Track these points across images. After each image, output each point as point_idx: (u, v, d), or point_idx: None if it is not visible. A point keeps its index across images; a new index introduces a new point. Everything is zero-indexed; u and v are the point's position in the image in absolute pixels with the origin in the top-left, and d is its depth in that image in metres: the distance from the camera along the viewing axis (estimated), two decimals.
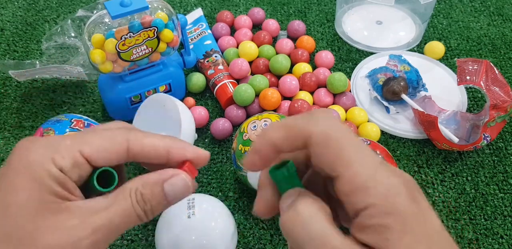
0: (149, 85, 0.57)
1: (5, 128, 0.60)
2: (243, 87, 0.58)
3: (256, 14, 0.72)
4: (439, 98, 0.61)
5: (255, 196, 0.26)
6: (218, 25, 0.70)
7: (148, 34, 0.51)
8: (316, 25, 0.73)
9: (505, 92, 0.55)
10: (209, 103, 0.62)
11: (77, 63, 0.62)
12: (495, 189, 0.54)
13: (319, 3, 0.77)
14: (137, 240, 0.49)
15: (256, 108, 0.59)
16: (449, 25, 0.74)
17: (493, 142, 0.59)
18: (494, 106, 0.54)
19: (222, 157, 0.57)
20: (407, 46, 0.70)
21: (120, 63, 0.52)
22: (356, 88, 0.63)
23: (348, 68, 0.67)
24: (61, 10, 0.76)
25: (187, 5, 0.76)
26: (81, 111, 0.61)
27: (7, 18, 0.74)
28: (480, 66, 0.56)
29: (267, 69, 0.64)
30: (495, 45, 0.71)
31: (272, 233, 0.50)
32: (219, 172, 0.55)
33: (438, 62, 0.67)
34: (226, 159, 0.56)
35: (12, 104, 0.62)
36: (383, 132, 0.59)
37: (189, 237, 0.42)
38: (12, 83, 0.65)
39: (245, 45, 0.65)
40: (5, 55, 0.68)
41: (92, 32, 0.50)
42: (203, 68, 0.64)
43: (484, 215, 0.52)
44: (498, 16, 0.75)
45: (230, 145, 0.58)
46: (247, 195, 0.53)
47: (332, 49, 0.70)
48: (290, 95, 0.61)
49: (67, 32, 0.65)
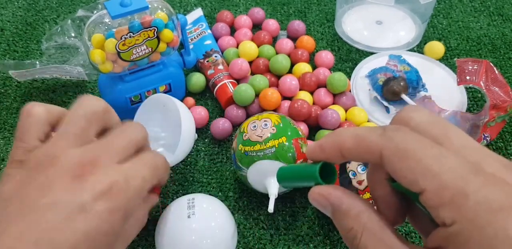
0: (149, 85, 0.57)
1: (5, 128, 0.60)
2: (243, 87, 0.58)
3: (256, 14, 0.72)
4: (439, 98, 0.61)
5: (255, 196, 0.26)
6: (218, 25, 0.70)
7: (148, 34, 0.51)
8: (316, 25, 0.73)
9: (505, 92, 0.55)
10: (209, 103, 0.62)
11: (77, 63, 0.62)
12: None
13: (319, 3, 0.77)
14: (137, 240, 0.49)
15: (256, 108, 0.59)
16: (449, 25, 0.74)
17: (493, 142, 0.59)
18: (494, 106, 0.54)
19: (222, 157, 0.57)
20: (407, 46, 0.70)
21: (120, 63, 0.52)
22: (356, 88, 0.63)
23: (348, 68, 0.67)
24: (61, 10, 0.76)
25: (187, 5, 0.76)
26: None
27: (7, 18, 0.74)
28: (480, 66, 0.56)
29: (267, 69, 0.64)
30: (495, 45, 0.71)
31: (272, 233, 0.50)
32: (219, 172, 0.55)
33: (438, 62, 0.67)
34: (226, 159, 0.56)
35: (12, 104, 0.62)
36: None
37: (189, 237, 0.42)
38: (12, 83, 0.65)
39: (245, 45, 0.65)
40: (5, 55, 0.68)
41: (92, 32, 0.50)
42: (203, 68, 0.64)
43: None
44: (498, 16, 0.75)
45: (230, 145, 0.58)
46: (247, 195, 0.53)
47: (332, 49, 0.70)
48: (290, 95, 0.61)
49: (67, 32, 0.65)
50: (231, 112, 0.59)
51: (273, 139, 0.47)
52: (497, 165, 0.20)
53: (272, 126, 0.48)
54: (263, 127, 0.48)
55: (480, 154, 0.21)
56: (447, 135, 0.21)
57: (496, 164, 0.20)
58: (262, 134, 0.48)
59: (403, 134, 0.21)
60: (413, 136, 0.21)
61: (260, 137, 0.47)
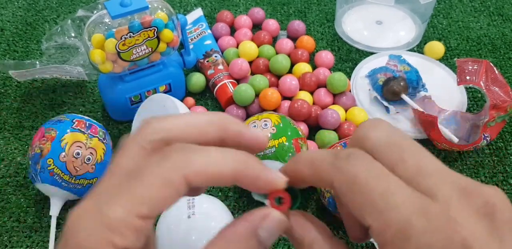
0: (149, 85, 0.57)
1: (5, 128, 0.60)
2: (243, 87, 0.58)
3: (256, 14, 0.72)
4: (439, 98, 0.61)
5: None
6: (218, 25, 0.70)
7: (148, 34, 0.51)
8: (316, 25, 0.73)
9: (505, 92, 0.55)
10: (209, 103, 0.62)
11: (77, 63, 0.62)
12: None
13: (319, 3, 0.77)
14: None
15: (256, 108, 0.59)
16: (449, 25, 0.74)
17: (493, 142, 0.59)
18: (494, 106, 0.54)
19: None
20: (407, 46, 0.70)
21: (120, 63, 0.52)
22: (356, 88, 0.63)
23: (348, 68, 0.67)
24: (61, 10, 0.76)
25: (187, 5, 0.76)
26: (81, 111, 0.61)
27: (7, 18, 0.74)
28: (480, 66, 0.56)
29: (267, 69, 0.64)
30: (495, 45, 0.71)
31: None
32: None
33: (438, 62, 0.67)
34: None
35: (12, 104, 0.62)
36: None
37: (189, 237, 0.42)
38: (12, 83, 0.65)
39: (245, 45, 0.65)
40: (5, 55, 0.68)
41: (92, 32, 0.50)
42: (203, 68, 0.64)
43: None
44: (498, 16, 0.75)
45: None
46: (247, 195, 0.53)
47: (332, 49, 0.70)
48: (290, 95, 0.61)
49: (67, 32, 0.65)
50: (231, 112, 0.59)
51: (273, 139, 0.47)
52: (450, 193, 0.19)
53: (272, 126, 0.48)
54: (263, 127, 0.48)
55: (435, 179, 0.19)
56: (403, 158, 0.20)
57: (449, 191, 0.19)
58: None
59: (353, 163, 0.20)
60: (363, 165, 0.20)
61: None
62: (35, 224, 0.51)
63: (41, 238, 0.50)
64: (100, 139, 0.50)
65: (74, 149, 0.48)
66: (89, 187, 0.50)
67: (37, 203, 0.52)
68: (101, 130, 0.52)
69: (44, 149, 0.48)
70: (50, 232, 0.49)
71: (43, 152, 0.48)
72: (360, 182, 0.20)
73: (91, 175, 0.49)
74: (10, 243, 0.49)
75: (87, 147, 0.49)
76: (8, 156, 0.57)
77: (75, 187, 0.49)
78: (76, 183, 0.48)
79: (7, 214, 0.51)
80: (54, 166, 0.47)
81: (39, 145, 0.48)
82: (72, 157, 0.48)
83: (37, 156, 0.48)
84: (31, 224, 0.51)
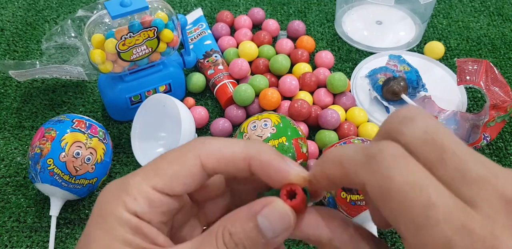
0: (149, 85, 0.57)
1: (5, 128, 0.60)
2: (243, 87, 0.58)
3: (256, 14, 0.72)
4: (439, 98, 0.61)
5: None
6: (218, 25, 0.70)
7: (148, 34, 0.51)
8: (316, 25, 0.73)
9: (505, 92, 0.55)
10: (209, 103, 0.62)
11: (77, 63, 0.62)
12: None
13: (319, 3, 0.77)
14: None
15: (256, 108, 0.59)
16: (449, 25, 0.74)
17: (492, 142, 0.59)
18: (494, 106, 0.54)
19: None
20: (407, 46, 0.70)
21: (120, 63, 0.52)
22: (356, 88, 0.63)
23: (348, 68, 0.67)
24: (61, 10, 0.76)
25: (187, 5, 0.76)
26: (81, 111, 0.61)
27: (7, 18, 0.74)
28: (480, 66, 0.56)
29: (267, 69, 0.64)
30: (495, 45, 0.71)
31: None
32: None
33: (438, 62, 0.67)
34: None
35: (12, 104, 0.62)
36: None
37: None
38: (12, 83, 0.65)
39: (245, 45, 0.65)
40: (5, 55, 0.68)
41: (92, 32, 0.50)
42: (203, 68, 0.64)
43: None
44: (498, 16, 0.75)
45: None
46: None
47: (332, 49, 0.70)
48: (290, 95, 0.61)
49: (67, 32, 0.65)
50: (231, 112, 0.59)
51: (273, 139, 0.47)
52: (496, 207, 0.17)
53: (272, 126, 0.49)
54: (263, 127, 0.49)
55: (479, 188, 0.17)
56: (443, 159, 0.18)
57: (495, 202, 0.17)
58: (262, 134, 0.48)
59: (388, 164, 0.18)
60: (400, 167, 0.18)
61: (260, 137, 0.47)
62: (35, 224, 0.51)
63: (41, 238, 0.50)
64: (100, 139, 0.50)
65: (74, 149, 0.48)
66: (89, 187, 0.50)
67: (37, 203, 0.52)
68: (101, 130, 0.52)
69: (44, 149, 0.48)
70: (50, 232, 0.49)
71: (43, 152, 0.48)
72: (397, 188, 0.17)
73: (91, 175, 0.49)
74: (10, 243, 0.49)
75: (87, 147, 0.49)
76: (8, 156, 0.57)
77: (75, 187, 0.49)
78: (76, 183, 0.48)
79: (7, 214, 0.51)
80: (54, 166, 0.47)
81: (39, 145, 0.48)
82: (72, 157, 0.48)
83: (37, 156, 0.48)
84: (31, 224, 0.51)
